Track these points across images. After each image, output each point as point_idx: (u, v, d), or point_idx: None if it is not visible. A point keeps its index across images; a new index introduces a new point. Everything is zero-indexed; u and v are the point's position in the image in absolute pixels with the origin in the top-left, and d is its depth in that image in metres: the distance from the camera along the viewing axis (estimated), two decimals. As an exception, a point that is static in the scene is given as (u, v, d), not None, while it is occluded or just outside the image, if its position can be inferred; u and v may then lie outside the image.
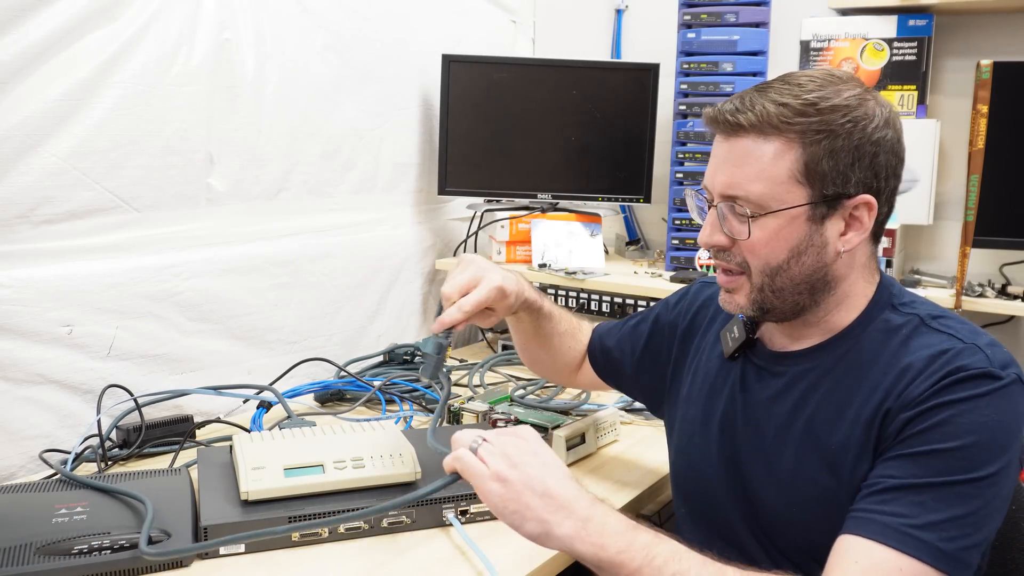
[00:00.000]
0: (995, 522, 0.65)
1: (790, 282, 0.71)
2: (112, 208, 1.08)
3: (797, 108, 0.67)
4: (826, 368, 0.73)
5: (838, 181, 0.68)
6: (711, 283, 0.91)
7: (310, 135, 1.36)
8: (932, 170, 1.40)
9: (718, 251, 0.74)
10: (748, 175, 0.69)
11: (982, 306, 1.28)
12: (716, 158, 0.72)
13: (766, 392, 0.77)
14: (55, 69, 0.99)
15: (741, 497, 0.77)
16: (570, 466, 1.05)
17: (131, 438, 1.05)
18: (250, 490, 0.82)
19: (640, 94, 1.62)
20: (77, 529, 0.77)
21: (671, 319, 0.93)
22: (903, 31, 1.44)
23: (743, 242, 0.71)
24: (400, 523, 0.86)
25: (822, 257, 0.71)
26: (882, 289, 0.75)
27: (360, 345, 1.47)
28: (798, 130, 0.67)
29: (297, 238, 1.35)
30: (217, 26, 1.18)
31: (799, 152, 0.67)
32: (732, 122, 0.69)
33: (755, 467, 0.76)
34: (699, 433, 0.83)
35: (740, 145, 0.69)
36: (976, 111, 1.24)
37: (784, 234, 0.70)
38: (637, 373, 0.95)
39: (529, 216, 1.60)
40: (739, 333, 0.80)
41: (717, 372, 0.83)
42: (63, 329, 1.04)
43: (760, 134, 0.68)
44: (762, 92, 0.70)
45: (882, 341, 0.71)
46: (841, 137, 0.67)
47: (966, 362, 0.65)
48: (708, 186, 0.73)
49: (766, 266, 0.71)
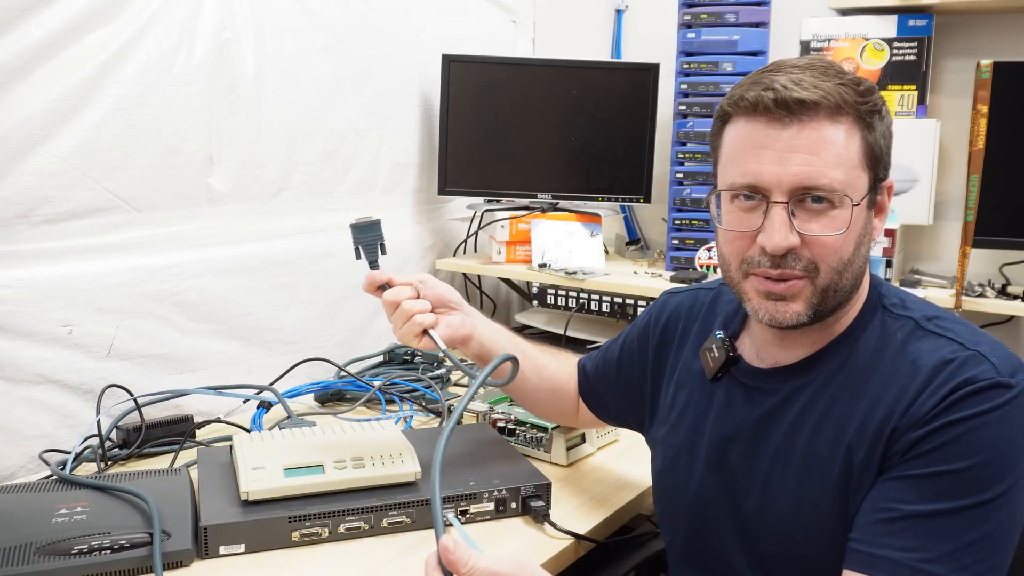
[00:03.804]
0: (1011, 542, 0.60)
1: (851, 278, 0.65)
2: (112, 208, 1.08)
3: (856, 88, 0.63)
4: (823, 381, 0.68)
5: (884, 163, 0.66)
6: (677, 292, 0.87)
7: (310, 135, 1.35)
8: (932, 170, 1.39)
9: (782, 257, 0.64)
10: (828, 162, 0.61)
11: (982, 306, 1.28)
12: (773, 149, 0.62)
13: (757, 412, 0.71)
14: (55, 69, 0.99)
15: (739, 529, 0.71)
16: (569, 466, 1.05)
17: (131, 438, 1.05)
18: (250, 490, 0.82)
19: (640, 94, 1.61)
20: (77, 529, 0.77)
21: (640, 334, 0.88)
22: (903, 31, 1.44)
23: (817, 239, 0.63)
24: (400, 523, 0.86)
25: (869, 248, 0.67)
26: (873, 289, 0.70)
27: (360, 345, 1.46)
28: (864, 110, 0.63)
29: (297, 238, 1.35)
30: (217, 26, 1.18)
31: (863, 133, 0.63)
32: (805, 100, 0.60)
33: (751, 496, 0.70)
34: (685, 459, 0.77)
35: (809, 130, 0.61)
36: (976, 111, 1.23)
37: (856, 225, 0.64)
38: (619, 397, 0.90)
39: (529, 216, 1.60)
40: (719, 352, 0.74)
41: (701, 393, 0.77)
42: (63, 329, 1.03)
43: (830, 116, 0.61)
44: (803, 72, 0.62)
45: (878, 348, 0.66)
46: (885, 118, 0.65)
47: (973, 373, 0.60)
48: (767, 182, 0.63)
49: (840, 262, 0.64)
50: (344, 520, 0.83)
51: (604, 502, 0.95)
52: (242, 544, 0.80)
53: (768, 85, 0.62)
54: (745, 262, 0.67)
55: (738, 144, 0.66)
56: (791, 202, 0.63)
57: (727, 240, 0.68)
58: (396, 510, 0.85)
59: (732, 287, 0.71)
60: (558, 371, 0.96)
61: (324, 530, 0.83)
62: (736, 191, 0.66)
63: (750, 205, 0.65)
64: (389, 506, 0.85)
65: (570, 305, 1.53)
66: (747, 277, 0.67)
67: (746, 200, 0.66)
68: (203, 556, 0.79)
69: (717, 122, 0.69)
